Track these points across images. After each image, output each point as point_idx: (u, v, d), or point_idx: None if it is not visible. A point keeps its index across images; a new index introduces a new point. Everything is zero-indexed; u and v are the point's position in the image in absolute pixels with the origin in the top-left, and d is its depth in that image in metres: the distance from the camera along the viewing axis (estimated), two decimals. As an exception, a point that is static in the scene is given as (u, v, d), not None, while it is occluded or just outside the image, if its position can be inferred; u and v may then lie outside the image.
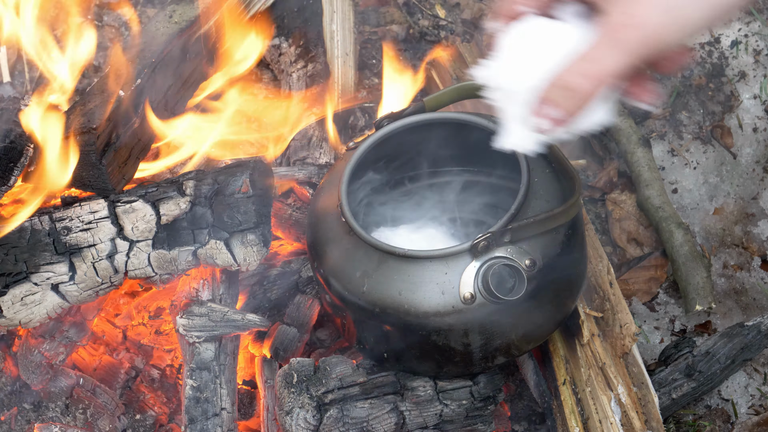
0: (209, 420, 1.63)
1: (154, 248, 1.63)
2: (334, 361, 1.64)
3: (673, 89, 2.19)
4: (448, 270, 1.49)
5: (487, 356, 1.58)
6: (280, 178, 1.89)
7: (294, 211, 1.88)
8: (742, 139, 2.15)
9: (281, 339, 1.75)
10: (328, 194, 1.64)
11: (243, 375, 1.79)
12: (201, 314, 1.66)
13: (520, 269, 1.47)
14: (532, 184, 1.53)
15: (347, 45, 2.14)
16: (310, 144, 2.00)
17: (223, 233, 1.63)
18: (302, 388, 1.61)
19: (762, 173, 2.11)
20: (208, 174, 1.68)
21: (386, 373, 1.64)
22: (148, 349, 1.83)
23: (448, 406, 1.62)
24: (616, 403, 1.64)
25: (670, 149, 2.15)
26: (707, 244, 2.05)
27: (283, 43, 2.17)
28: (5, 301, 1.62)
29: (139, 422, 1.78)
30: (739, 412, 1.87)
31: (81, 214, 1.64)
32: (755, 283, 2.01)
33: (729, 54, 2.22)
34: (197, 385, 1.65)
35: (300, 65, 2.12)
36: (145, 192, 1.65)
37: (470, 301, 1.48)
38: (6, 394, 1.79)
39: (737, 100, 2.17)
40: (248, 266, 1.65)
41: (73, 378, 1.76)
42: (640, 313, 1.99)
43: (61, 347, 1.73)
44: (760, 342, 1.83)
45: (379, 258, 1.52)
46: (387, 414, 1.61)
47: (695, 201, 2.10)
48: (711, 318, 1.98)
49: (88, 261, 1.62)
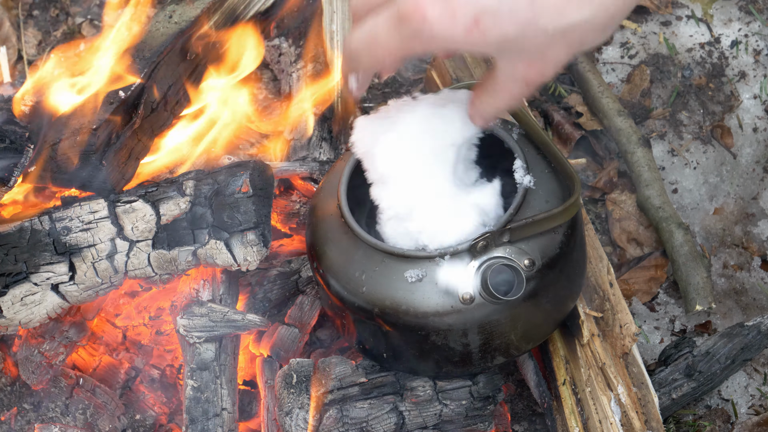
0: (210, 420, 1.63)
1: (154, 248, 1.64)
2: (333, 361, 1.64)
3: (673, 89, 2.19)
4: (447, 270, 1.49)
5: (487, 356, 1.58)
6: (281, 173, 1.89)
7: (302, 206, 1.88)
8: (742, 139, 2.15)
9: (282, 339, 1.75)
10: (327, 194, 1.64)
11: (243, 375, 1.79)
12: (201, 314, 1.66)
13: (519, 269, 1.47)
14: (531, 183, 1.53)
15: (347, 45, 2.14)
16: (310, 144, 2.00)
17: (223, 233, 1.63)
18: (302, 388, 1.62)
19: (762, 173, 2.11)
20: (208, 174, 1.68)
21: (386, 373, 1.64)
22: (148, 350, 1.83)
23: (448, 406, 1.62)
24: (616, 403, 1.64)
25: (670, 149, 2.15)
26: (707, 244, 2.05)
27: (283, 43, 2.17)
28: (5, 301, 1.62)
29: (139, 422, 1.78)
30: (739, 412, 1.87)
31: (81, 214, 1.64)
32: (755, 283, 2.01)
33: (729, 54, 2.22)
34: (198, 385, 1.65)
35: (300, 65, 2.12)
36: (145, 192, 1.65)
37: (469, 301, 1.48)
38: (6, 394, 1.79)
39: (737, 100, 2.17)
40: (248, 266, 1.65)
41: (73, 378, 1.76)
42: (640, 313, 1.99)
43: (61, 347, 1.73)
44: (760, 342, 1.82)
45: (379, 258, 1.52)
46: (386, 414, 1.61)
47: (695, 201, 2.10)
48: (711, 318, 1.98)
49: (88, 261, 1.63)
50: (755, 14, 2.23)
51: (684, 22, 2.25)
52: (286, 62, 2.14)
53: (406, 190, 1.50)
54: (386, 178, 1.51)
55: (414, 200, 1.50)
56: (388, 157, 1.51)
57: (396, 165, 1.51)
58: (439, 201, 1.50)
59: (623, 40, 2.26)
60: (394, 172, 1.51)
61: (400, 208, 1.50)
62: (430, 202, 1.49)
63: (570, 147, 2.14)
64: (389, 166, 1.51)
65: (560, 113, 2.18)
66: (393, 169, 1.51)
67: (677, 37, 2.24)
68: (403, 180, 1.51)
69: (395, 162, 1.51)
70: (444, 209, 1.50)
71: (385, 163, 1.51)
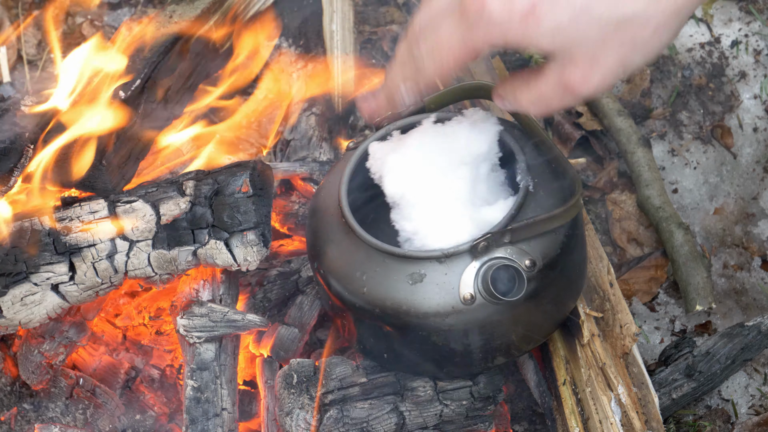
0: (210, 420, 1.63)
1: (154, 248, 1.63)
2: (334, 361, 1.64)
3: (673, 89, 2.19)
4: (447, 270, 1.49)
5: (487, 356, 1.58)
6: (281, 173, 1.89)
7: (301, 207, 1.88)
8: (742, 139, 2.15)
9: (281, 339, 1.75)
10: (328, 194, 1.64)
11: (243, 375, 1.79)
12: (201, 314, 1.66)
13: (520, 270, 1.47)
14: (531, 185, 1.53)
15: (347, 45, 2.14)
16: (310, 144, 2.00)
17: (223, 233, 1.63)
18: (302, 388, 1.61)
19: (762, 173, 2.11)
20: (208, 174, 1.68)
21: (386, 373, 1.64)
22: (148, 350, 1.83)
23: (448, 406, 1.62)
24: (616, 404, 1.64)
25: (670, 149, 2.15)
26: (707, 244, 2.05)
27: (283, 43, 2.17)
28: (5, 301, 1.62)
29: (139, 422, 1.78)
30: (740, 412, 1.87)
31: (81, 214, 1.64)
32: (755, 283, 2.01)
33: (729, 54, 2.21)
34: (198, 385, 1.65)
35: (300, 65, 2.12)
36: (145, 192, 1.65)
37: (470, 301, 1.48)
38: (6, 394, 1.79)
39: (737, 100, 2.17)
40: (248, 266, 1.65)
41: (73, 378, 1.76)
42: (640, 313, 1.99)
43: (61, 347, 1.73)
44: (760, 342, 1.83)
45: (380, 258, 1.52)
46: (387, 414, 1.61)
47: (695, 201, 2.10)
48: (711, 318, 1.98)
49: (88, 261, 1.62)
50: (755, 14, 2.23)
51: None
52: (286, 62, 2.14)
53: (419, 213, 1.53)
54: (401, 202, 1.54)
55: (424, 220, 1.53)
56: (402, 181, 1.54)
57: (410, 188, 1.54)
58: (448, 217, 1.52)
59: (623, 40, 2.26)
60: (408, 195, 1.54)
61: (414, 228, 1.53)
62: (439, 219, 1.52)
63: (570, 147, 2.14)
64: (404, 189, 1.54)
65: (560, 113, 2.18)
66: (408, 193, 1.54)
67: (677, 37, 2.24)
68: (418, 202, 1.54)
69: (410, 186, 1.54)
70: (449, 222, 1.52)
71: (399, 187, 1.54)
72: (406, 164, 1.55)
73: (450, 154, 1.54)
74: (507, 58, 2.25)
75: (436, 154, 1.55)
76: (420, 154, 1.55)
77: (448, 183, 1.53)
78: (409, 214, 1.53)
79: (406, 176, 1.55)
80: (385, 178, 1.56)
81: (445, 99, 1.67)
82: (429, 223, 1.52)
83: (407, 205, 1.54)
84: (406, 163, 1.55)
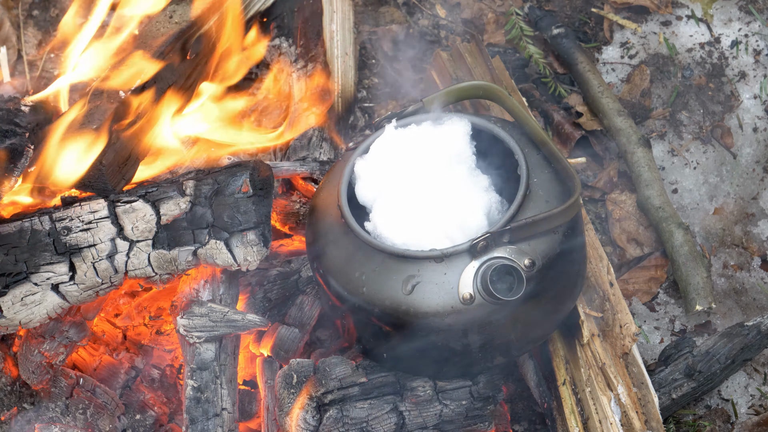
0: (210, 420, 1.63)
1: (154, 248, 1.64)
2: (334, 361, 1.64)
3: (673, 89, 2.19)
4: (447, 270, 1.49)
5: (487, 356, 1.58)
6: (281, 173, 1.89)
7: (302, 206, 1.88)
8: (742, 139, 2.15)
9: (282, 339, 1.75)
10: (327, 194, 1.64)
11: (243, 375, 1.79)
12: (201, 314, 1.66)
13: (519, 269, 1.47)
14: (531, 185, 1.53)
15: (347, 45, 2.14)
16: (310, 144, 2.00)
17: (223, 233, 1.63)
18: (302, 388, 1.62)
19: (762, 173, 2.11)
20: (208, 174, 1.68)
21: (386, 373, 1.64)
22: (148, 350, 1.83)
23: (448, 406, 1.62)
24: (616, 403, 1.65)
25: (670, 149, 2.15)
26: (707, 244, 2.05)
27: (283, 43, 2.17)
28: (5, 301, 1.62)
29: (139, 422, 1.78)
30: (739, 412, 1.87)
31: (81, 214, 1.64)
32: (755, 283, 2.01)
33: (729, 54, 2.22)
34: (198, 385, 1.65)
35: (300, 65, 2.12)
36: (145, 192, 1.65)
37: (469, 301, 1.48)
38: (6, 394, 1.79)
39: (737, 100, 2.17)
40: (248, 266, 1.65)
41: (73, 378, 1.76)
42: (640, 313, 1.99)
43: (61, 347, 1.73)
44: (760, 342, 1.83)
45: (379, 258, 1.52)
46: (387, 414, 1.61)
47: (695, 201, 2.10)
48: (711, 318, 1.98)
49: (88, 261, 1.63)
50: (755, 14, 2.23)
51: (684, 22, 2.25)
52: (286, 62, 2.14)
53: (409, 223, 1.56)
54: (390, 214, 1.57)
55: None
56: (393, 200, 1.58)
57: (401, 198, 1.57)
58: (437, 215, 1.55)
59: (623, 40, 2.26)
60: (400, 208, 1.57)
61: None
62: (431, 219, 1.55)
63: (570, 147, 2.14)
64: (394, 204, 1.57)
65: (560, 113, 2.18)
66: (399, 205, 1.57)
67: (677, 37, 2.24)
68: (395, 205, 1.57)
69: (400, 199, 1.57)
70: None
71: (389, 205, 1.58)
72: (377, 170, 1.59)
73: (424, 158, 1.58)
74: (507, 58, 2.25)
75: (411, 159, 1.59)
76: (396, 160, 1.60)
77: (423, 186, 1.55)
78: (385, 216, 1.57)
79: (378, 181, 1.58)
80: (357, 183, 1.60)
81: (444, 99, 1.68)
82: (395, 222, 1.55)
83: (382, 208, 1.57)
84: (378, 168, 1.59)
